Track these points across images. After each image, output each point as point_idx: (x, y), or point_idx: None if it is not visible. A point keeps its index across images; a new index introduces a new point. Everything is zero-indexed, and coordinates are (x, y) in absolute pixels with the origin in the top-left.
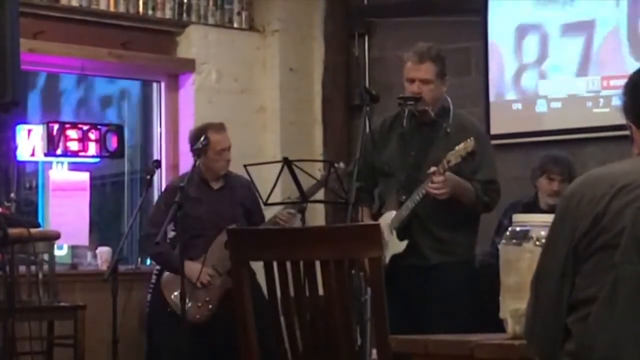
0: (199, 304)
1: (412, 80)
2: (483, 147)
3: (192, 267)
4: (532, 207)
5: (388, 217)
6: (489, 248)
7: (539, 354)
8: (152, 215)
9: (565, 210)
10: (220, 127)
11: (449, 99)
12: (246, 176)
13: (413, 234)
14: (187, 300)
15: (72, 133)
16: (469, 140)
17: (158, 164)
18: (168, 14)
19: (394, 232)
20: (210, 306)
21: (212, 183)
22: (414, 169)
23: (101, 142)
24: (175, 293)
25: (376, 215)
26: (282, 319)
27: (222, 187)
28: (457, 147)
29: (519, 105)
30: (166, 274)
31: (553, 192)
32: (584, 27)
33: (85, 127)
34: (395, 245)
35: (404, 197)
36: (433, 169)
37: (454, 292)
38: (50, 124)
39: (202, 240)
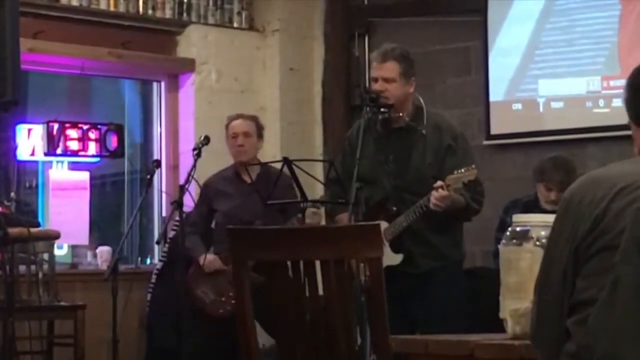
0: (223, 299)
1: (375, 80)
2: (464, 147)
3: (208, 258)
4: (532, 205)
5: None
6: (492, 247)
7: (544, 356)
8: (189, 215)
9: (565, 212)
10: (241, 115)
11: (420, 99)
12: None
13: (405, 244)
14: (212, 294)
15: (72, 133)
16: (471, 168)
17: (158, 163)
18: (168, 14)
19: (387, 244)
20: (233, 301)
21: (244, 176)
22: (397, 178)
23: (101, 141)
24: (204, 288)
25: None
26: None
27: (256, 181)
28: (457, 173)
29: (519, 105)
30: (192, 268)
31: (551, 200)
32: (585, 27)
33: (85, 127)
34: (389, 257)
35: (394, 208)
36: (439, 183)
37: (447, 295)
38: (50, 124)
39: None
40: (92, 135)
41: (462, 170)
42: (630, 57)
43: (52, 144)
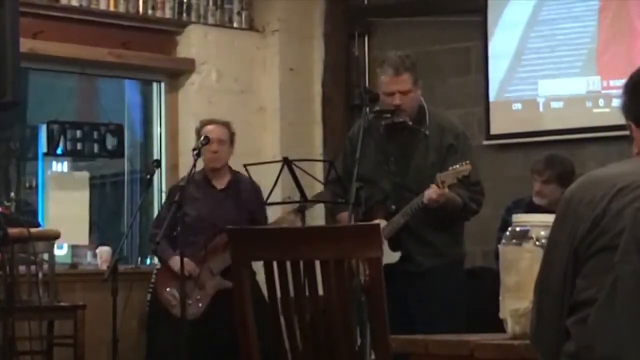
0: (189, 302)
1: (391, 94)
2: (464, 146)
3: (176, 260)
4: (535, 205)
5: None
6: (493, 247)
7: (544, 356)
8: (156, 217)
9: (564, 212)
10: (214, 121)
11: (422, 99)
12: (253, 177)
13: (403, 243)
14: (177, 297)
15: (72, 133)
16: (464, 163)
17: (158, 164)
18: (168, 14)
19: (386, 242)
20: (200, 305)
21: (215, 182)
22: (398, 177)
23: (101, 141)
24: (168, 289)
25: (364, 222)
26: (282, 319)
27: (226, 188)
28: (451, 169)
29: (519, 105)
30: (160, 270)
31: (535, 192)
32: (585, 27)
33: (85, 127)
34: (388, 256)
35: (393, 206)
36: (439, 175)
37: (447, 294)
38: (50, 124)
39: (200, 240)
40: (92, 135)
41: (457, 166)
42: (605, 57)
43: (52, 144)
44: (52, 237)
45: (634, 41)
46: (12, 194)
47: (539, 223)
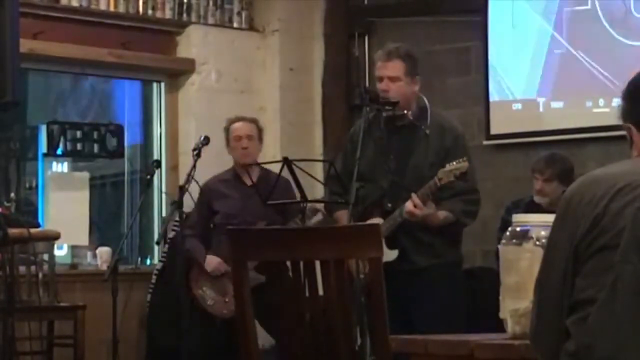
0: (226, 299)
1: (380, 79)
2: (463, 149)
3: (210, 260)
4: (534, 205)
5: None
6: (493, 247)
7: (544, 356)
8: (187, 216)
9: (565, 211)
10: (242, 118)
11: (425, 99)
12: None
13: (400, 241)
14: (214, 295)
15: (72, 133)
16: (461, 160)
17: (158, 164)
18: (168, 14)
19: (383, 241)
20: None
21: (245, 178)
22: (396, 175)
23: (101, 142)
24: (204, 288)
25: (361, 220)
26: (282, 318)
27: (256, 183)
28: (448, 166)
29: (519, 105)
30: (194, 270)
31: (536, 190)
32: (585, 27)
33: (85, 127)
34: (385, 254)
35: (389, 204)
36: (436, 177)
37: (444, 294)
38: (50, 124)
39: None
40: (92, 135)
41: (454, 163)
42: None
43: (52, 144)
44: (52, 238)
45: None
46: (12, 194)
47: (539, 223)
